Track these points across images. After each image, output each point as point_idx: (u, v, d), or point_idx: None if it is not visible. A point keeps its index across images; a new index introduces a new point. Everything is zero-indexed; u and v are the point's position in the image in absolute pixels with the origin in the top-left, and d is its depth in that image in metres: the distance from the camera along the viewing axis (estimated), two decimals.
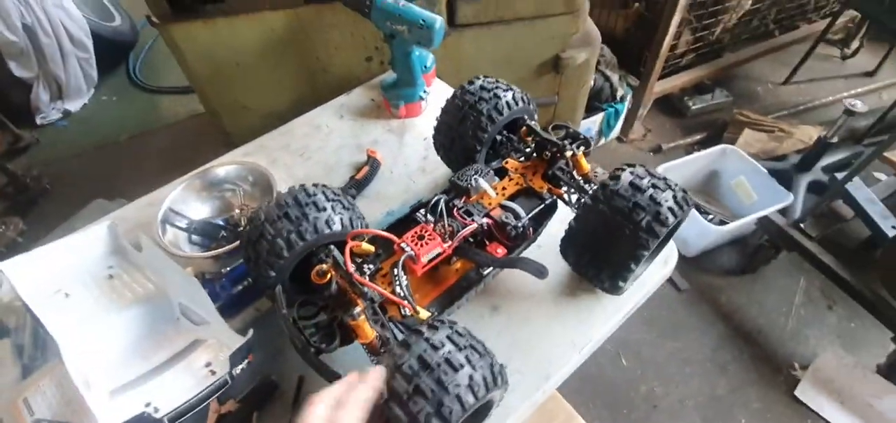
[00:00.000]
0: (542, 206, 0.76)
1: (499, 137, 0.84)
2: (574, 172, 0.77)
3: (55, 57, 2.40)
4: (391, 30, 0.96)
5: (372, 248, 0.65)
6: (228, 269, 0.81)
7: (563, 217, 0.76)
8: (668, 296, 1.83)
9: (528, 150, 0.83)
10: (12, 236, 1.96)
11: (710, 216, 1.95)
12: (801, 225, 1.68)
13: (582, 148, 0.78)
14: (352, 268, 0.59)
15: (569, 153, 0.76)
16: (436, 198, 0.71)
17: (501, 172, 0.81)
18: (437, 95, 1.15)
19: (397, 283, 0.63)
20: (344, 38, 1.28)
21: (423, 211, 0.70)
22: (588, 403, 1.56)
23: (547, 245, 0.76)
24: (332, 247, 0.64)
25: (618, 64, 2.16)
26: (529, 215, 0.73)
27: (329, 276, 0.62)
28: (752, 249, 1.87)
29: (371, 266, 0.66)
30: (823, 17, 2.70)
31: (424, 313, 0.60)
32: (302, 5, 1.19)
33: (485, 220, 0.71)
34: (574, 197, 0.77)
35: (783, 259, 1.86)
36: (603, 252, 0.68)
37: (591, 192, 0.71)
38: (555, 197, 0.78)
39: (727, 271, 1.91)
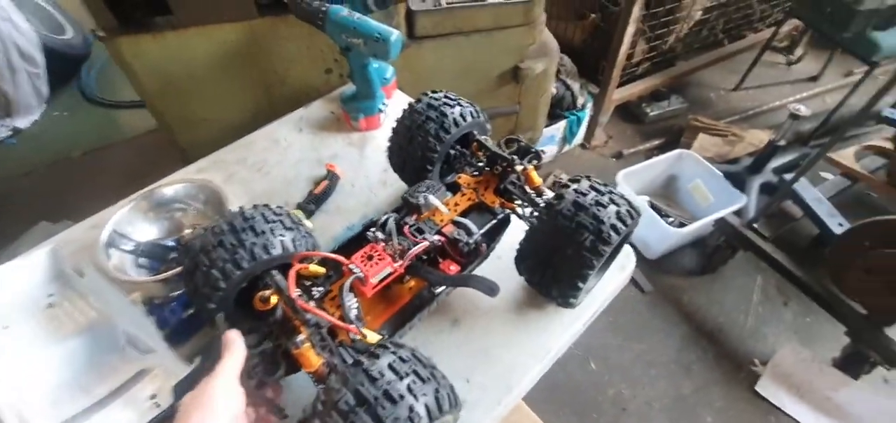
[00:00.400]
0: (495, 221, 0.76)
1: (452, 151, 0.84)
2: (526, 186, 0.77)
3: (3, 72, 2.28)
4: (347, 43, 0.95)
5: (321, 270, 0.63)
6: (178, 293, 0.78)
7: (522, 227, 0.76)
8: (632, 298, 1.87)
9: (480, 164, 0.83)
10: None
11: (671, 219, 2.01)
12: (755, 225, 1.75)
13: (533, 162, 0.78)
14: (295, 293, 0.57)
15: (519, 167, 0.76)
16: (385, 216, 0.69)
17: (454, 188, 0.80)
18: (397, 107, 1.15)
19: (344, 306, 0.61)
20: (301, 51, 1.26)
21: (373, 230, 0.69)
22: (557, 411, 1.57)
23: (507, 256, 0.76)
24: (274, 271, 0.61)
25: (578, 73, 2.21)
26: (482, 231, 0.73)
27: (274, 301, 0.60)
28: (710, 249, 1.93)
29: (320, 289, 0.63)
30: (769, 25, 2.86)
31: (373, 337, 0.58)
32: (255, 18, 1.17)
33: (437, 237, 0.70)
34: (527, 211, 0.77)
35: (740, 259, 1.93)
36: (552, 268, 0.68)
37: (541, 205, 0.72)
38: (507, 211, 0.78)
39: (688, 272, 1.98)
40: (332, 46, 1.27)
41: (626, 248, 0.83)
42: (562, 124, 2.23)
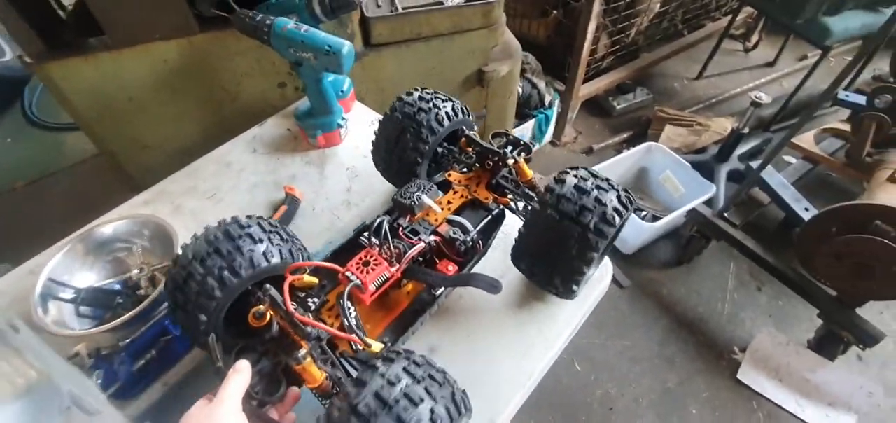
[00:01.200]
0: (490, 217, 0.76)
1: (440, 150, 0.83)
2: (518, 180, 0.77)
3: None
4: (296, 57, 0.90)
5: (315, 280, 0.60)
6: (128, 341, 0.72)
7: (515, 223, 0.75)
8: (612, 294, 1.88)
9: (469, 160, 0.82)
10: None
11: (644, 213, 2.04)
12: (725, 214, 1.79)
13: (523, 154, 0.77)
14: (292, 307, 0.54)
15: (510, 161, 0.76)
16: (378, 219, 0.67)
17: (445, 186, 0.79)
18: (358, 120, 1.11)
19: (345, 316, 0.58)
20: (250, 65, 1.21)
21: (366, 235, 0.67)
22: (546, 417, 1.56)
23: (504, 248, 0.75)
24: (267, 285, 0.58)
25: (543, 70, 2.22)
26: (477, 228, 0.72)
27: (268, 317, 0.56)
28: (685, 240, 1.96)
29: (316, 300, 0.61)
30: (725, 14, 2.95)
31: (377, 345, 0.56)
32: (196, 33, 1.11)
33: (432, 237, 0.69)
34: (520, 204, 0.76)
35: (714, 247, 1.97)
36: (554, 258, 0.67)
37: (536, 198, 0.71)
38: (501, 206, 0.77)
39: (665, 264, 2.00)
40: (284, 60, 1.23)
41: (606, 258, 0.83)
42: (530, 124, 2.23)
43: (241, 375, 0.49)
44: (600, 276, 0.82)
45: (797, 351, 1.68)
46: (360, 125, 0.97)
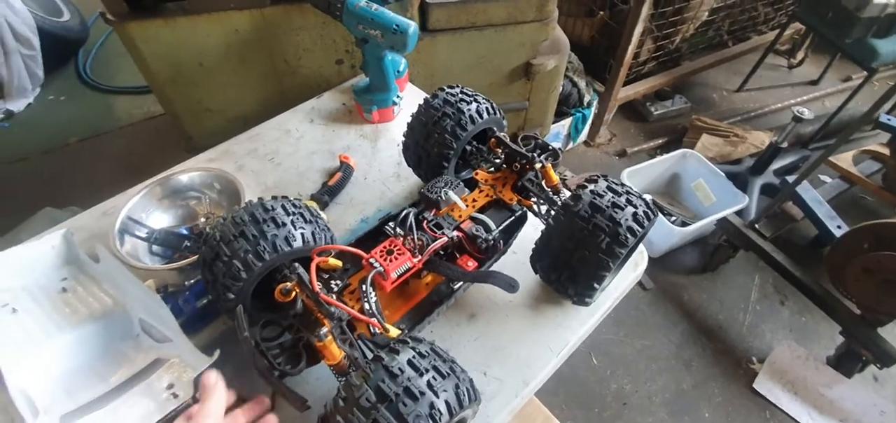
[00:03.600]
0: (513, 218, 0.75)
1: (469, 147, 0.82)
2: (543, 184, 0.76)
3: None
4: (363, 34, 0.93)
5: (339, 263, 0.61)
6: (192, 282, 0.76)
7: (537, 224, 0.75)
8: (635, 295, 1.86)
9: (497, 161, 0.81)
10: None
11: (673, 218, 2.00)
12: (756, 226, 1.75)
13: (550, 159, 0.76)
14: (318, 286, 0.55)
15: (538, 165, 0.75)
16: (405, 211, 0.68)
17: (471, 184, 0.79)
18: (410, 100, 1.13)
19: (366, 300, 0.60)
20: (313, 41, 1.24)
21: (391, 224, 0.67)
22: (562, 404, 1.56)
23: (523, 250, 0.75)
24: (296, 264, 0.60)
25: (584, 70, 2.19)
26: (500, 228, 0.72)
27: (294, 294, 0.58)
28: (712, 248, 1.93)
29: (338, 282, 0.62)
30: (772, 28, 2.83)
31: (394, 331, 0.57)
32: (268, 6, 1.14)
33: (455, 233, 0.68)
34: (544, 209, 0.75)
35: (741, 258, 1.93)
36: (569, 269, 0.67)
37: (559, 203, 0.70)
38: (525, 209, 0.76)
39: (690, 270, 1.97)
40: (346, 37, 1.24)
41: (641, 246, 0.81)
42: (567, 122, 2.21)
43: (217, 391, 0.51)
44: (635, 263, 0.82)
45: (815, 366, 1.64)
46: (411, 105, 0.97)
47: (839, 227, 1.77)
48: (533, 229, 0.76)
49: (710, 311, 1.84)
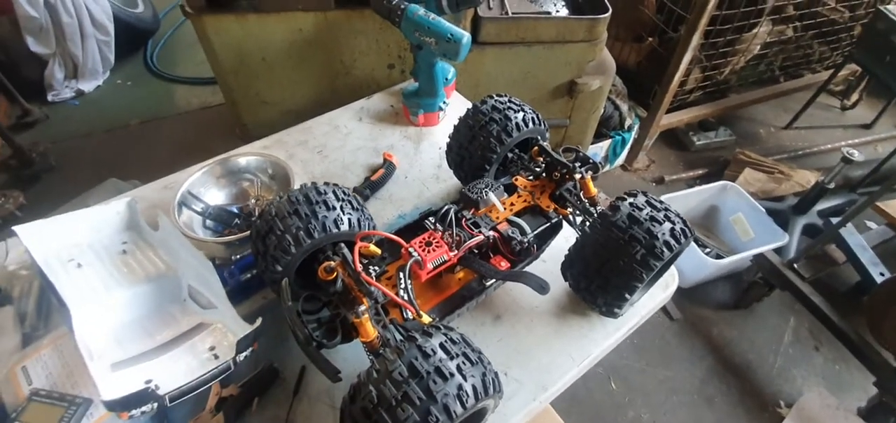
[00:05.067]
0: (548, 224, 0.75)
1: (510, 154, 0.83)
2: (581, 195, 0.76)
3: (75, 37, 2.35)
4: (419, 40, 0.95)
5: (378, 251, 0.63)
6: (238, 257, 0.79)
7: (568, 235, 0.74)
8: (660, 324, 1.79)
9: (537, 169, 0.81)
10: (11, 209, 1.84)
11: (708, 250, 1.92)
12: (795, 265, 1.65)
13: (590, 172, 0.76)
14: (360, 267, 0.58)
15: (578, 176, 0.75)
16: (446, 207, 0.69)
17: (510, 189, 0.80)
18: (454, 107, 1.14)
19: (402, 286, 0.61)
20: (369, 44, 1.27)
21: (432, 219, 0.69)
22: None
23: (552, 259, 0.74)
24: (342, 245, 0.63)
25: (628, 94, 2.14)
26: (535, 232, 0.72)
27: (336, 273, 0.60)
28: (746, 285, 1.83)
29: (376, 268, 0.64)
30: (827, 68, 2.68)
31: (426, 318, 0.59)
32: (332, 9, 1.18)
33: (491, 233, 0.69)
34: (579, 219, 0.75)
35: (775, 297, 1.82)
36: (600, 278, 0.66)
37: (595, 215, 0.70)
38: (560, 217, 0.76)
39: (720, 305, 1.88)
40: (400, 43, 1.27)
41: (672, 268, 0.79)
42: (606, 143, 2.16)
43: None
44: (665, 284, 0.80)
45: (845, 417, 1.53)
46: (456, 111, 0.99)
47: (882, 274, 1.66)
48: (564, 241, 0.75)
49: (739, 349, 1.75)
